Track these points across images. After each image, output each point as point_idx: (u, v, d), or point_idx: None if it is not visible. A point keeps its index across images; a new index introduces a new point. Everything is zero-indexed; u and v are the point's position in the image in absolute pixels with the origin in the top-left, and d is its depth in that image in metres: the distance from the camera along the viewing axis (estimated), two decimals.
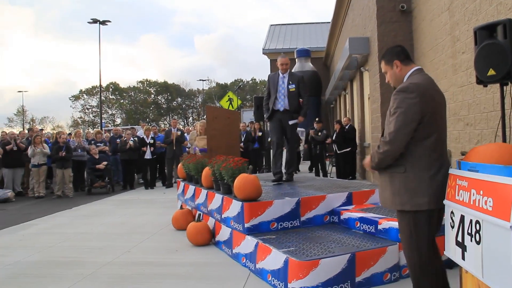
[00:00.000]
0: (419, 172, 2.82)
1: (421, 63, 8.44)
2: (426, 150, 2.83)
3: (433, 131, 2.83)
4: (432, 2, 7.55)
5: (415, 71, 2.98)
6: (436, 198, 2.82)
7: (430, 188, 2.81)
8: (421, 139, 2.82)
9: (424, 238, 2.89)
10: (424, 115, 2.78)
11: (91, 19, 29.10)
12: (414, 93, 2.77)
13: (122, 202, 10.52)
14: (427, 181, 2.82)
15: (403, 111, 2.77)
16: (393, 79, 3.08)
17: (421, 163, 2.83)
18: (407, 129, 2.78)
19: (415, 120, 2.77)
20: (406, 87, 2.83)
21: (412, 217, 2.88)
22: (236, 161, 5.51)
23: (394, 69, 3.03)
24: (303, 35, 29.88)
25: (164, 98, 70.32)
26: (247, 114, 25.96)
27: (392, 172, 2.93)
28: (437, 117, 2.86)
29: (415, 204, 2.83)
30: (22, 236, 7.04)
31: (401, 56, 3.02)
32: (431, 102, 2.82)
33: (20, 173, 12.78)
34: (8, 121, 61.62)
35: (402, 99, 2.79)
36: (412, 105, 2.76)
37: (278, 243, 4.40)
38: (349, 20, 14.94)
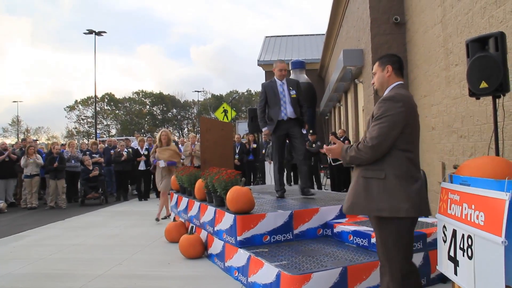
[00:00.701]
0: (400, 179, 2.82)
1: (414, 75, 8.47)
2: (408, 161, 2.84)
3: (411, 144, 2.88)
4: (425, 15, 7.59)
5: (399, 85, 3.03)
6: (415, 207, 2.79)
7: (410, 196, 2.79)
8: (403, 149, 2.84)
9: (406, 248, 2.86)
10: (406, 125, 2.82)
11: (86, 29, 29.12)
12: (400, 103, 2.83)
13: (115, 214, 10.43)
14: (406, 189, 2.80)
15: (388, 118, 2.81)
16: (379, 81, 3.13)
17: (403, 171, 2.83)
18: (390, 136, 2.80)
19: (398, 128, 2.80)
20: (392, 96, 2.89)
21: (392, 224, 2.84)
22: (229, 173, 5.48)
23: (384, 72, 3.08)
24: (298, 47, 30.00)
25: (160, 109, 70.32)
26: (242, 126, 25.97)
27: (369, 178, 2.90)
28: (416, 131, 2.93)
29: (394, 210, 2.79)
30: (14, 247, 6.96)
31: (396, 64, 3.07)
32: (413, 114, 2.89)
33: (12, 183, 12.70)
34: (3, 131, 61.41)
35: (388, 107, 2.84)
36: (397, 114, 2.80)
37: (270, 256, 4.36)
38: (343, 32, 15.02)
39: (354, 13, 11.86)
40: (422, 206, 2.80)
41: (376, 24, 9.14)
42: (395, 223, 2.80)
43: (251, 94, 70.74)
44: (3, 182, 12.33)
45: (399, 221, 2.79)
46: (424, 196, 2.85)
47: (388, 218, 2.82)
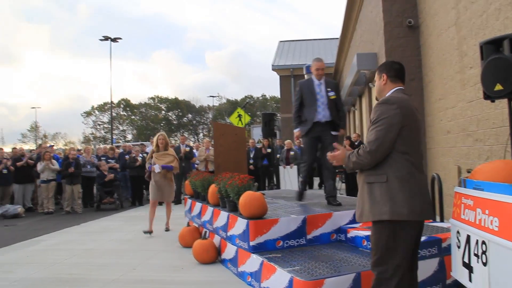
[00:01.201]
0: (402, 182, 2.79)
1: (429, 79, 8.39)
2: (409, 163, 2.82)
3: (411, 146, 2.86)
4: (439, 17, 7.52)
5: (398, 90, 3.04)
6: (416, 211, 2.77)
7: (411, 199, 2.77)
8: (403, 152, 2.83)
9: (404, 252, 2.80)
10: (403, 127, 2.81)
11: (102, 36, 29.57)
12: (395, 105, 2.84)
13: (130, 219, 10.49)
14: (408, 191, 2.78)
15: (384, 121, 2.81)
16: (377, 89, 3.18)
17: (403, 174, 2.81)
18: (388, 138, 2.79)
19: (394, 130, 2.80)
20: (387, 99, 2.91)
21: (391, 228, 2.80)
22: (241, 178, 5.47)
23: (381, 81, 3.11)
24: (312, 51, 29.96)
25: (175, 114, 70.68)
26: (257, 131, 25.96)
27: (372, 183, 2.89)
28: (415, 133, 2.91)
29: (395, 214, 2.76)
30: (30, 252, 7.04)
31: (391, 72, 3.08)
32: (410, 116, 2.88)
33: (30, 189, 12.87)
34: (22, 137, 62.28)
35: (383, 110, 2.85)
36: (393, 116, 2.81)
37: (283, 261, 4.34)
38: (357, 36, 14.96)
39: (367, 16, 11.81)
40: (424, 210, 2.77)
41: (389, 28, 9.08)
42: (396, 227, 2.77)
43: (266, 98, 70.75)
44: (21, 187, 12.52)
45: (399, 225, 2.76)
46: (427, 199, 2.82)
47: (388, 221, 2.78)
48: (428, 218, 2.85)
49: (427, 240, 4.27)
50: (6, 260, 6.53)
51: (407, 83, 8.73)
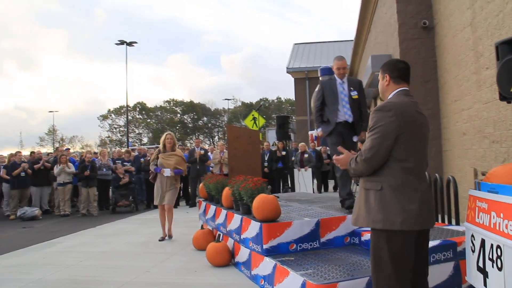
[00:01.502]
0: (396, 191, 2.74)
1: (444, 80, 8.29)
2: (405, 171, 2.76)
3: (410, 153, 2.78)
4: (454, 18, 7.44)
5: (400, 91, 2.96)
6: (410, 220, 2.70)
7: (405, 208, 2.71)
8: (399, 159, 2.76)
9: (400, 262, 2.73)
10: (400, 134, 2.75)
11: (118, 40, 29.83)
12: (391, 111, 2.77)
13: (145, 221, 10.56)
14: (402, 201, 2.72)
15: (380, 129, 2.76)
16: (380, 89, 3.12)
17: (398, 182, 2.75)
18: (383, 146, 2.75)
19: (391, 137, 2.74)
20: (383, 106, 2.84)
21: (387, 236, 2.74)
22: (255, 181, 5.46)
23: (384, 81, 3.04)
24: (327, 53, 29.88)
25: (190, 117, 70.99)
26: (272, 133, 25.97)
27: (368, 189, 2.86)
28: (416, 139, 2.82)
29: (388, 223, 2.71)
30: (46, 254, 7.14)
31: (394, 73, 2.99)
32: (409, 122, 2.79)
33: (47, 191, 13.05)
34: (40, 140, 63.10)
35: (379, 117, 2.79)
36: (389, 123, 2.75)
37: (296, 265, 4.32)
38: (371, 37, 14.87)
39: (382, 18, 11.73)
40: (420, 219, 2.71)
41: (404, 29, 9.01)
42: (389, 236, 2.72)
43: (281, 101, 70.71)
44: (38, 190, 12.70)
45: (393, 234, 2.71)
46: (425, 207, 2.74)
47: (383, 230, 2.74)
48: (426, 227, 2.77)
49: (442, 244, 4.21)
50: (23, 262, 6.62)
51: (422, 84, 8.71)
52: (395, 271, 2.71)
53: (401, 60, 3.12)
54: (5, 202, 12.87)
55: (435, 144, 8.64)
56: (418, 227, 2.72)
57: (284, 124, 13.55)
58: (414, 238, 2.76)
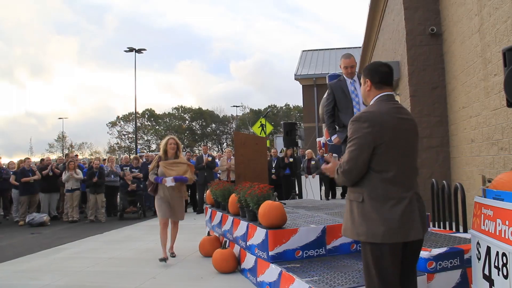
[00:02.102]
0: (376, 203, 2.69)
1: (452, 86, 8.26)
2: (384, 182, 2.69)
3: (390, 163, 2.71)
4: (462, 24, 7.42)
5: (381, 97, 2.88)
6: (392, 232, 2.63)
7: (386, 221, 2.64)
8: (378, 170, 2.71)
9: (385, 274, 2.70)
10: (378, 145, 2.69)
11: (127, 47, 30.08)
12: (367, 123, 2.70)
13: (152, 228, 10.57)
14: (383, 213, 2.66)
15: (356, 141, 2.72)
16: (362, 94, 3.07)
17: (378, 194, 2.69)
18: (360, 159, 2.70)
19: (366, 150, 2.69)
20: (359, 117, 2.77)
21: (371, 249, 2.71)
22: (261, 187, 5.46)
23: (365, 86, 2.97)
24: (335, 60, 29.88)
25: (199, 124, 71.23)
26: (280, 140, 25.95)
27: (352, 201, 2.83)
28: (396, 148, 2.73)
29: (370, 235, 2.67)
30: (54, 259, 7.17)
31: (375, 78, 2.90)
32: (387, 131, 2.71)
33: (55, 197, 13.12)
34: (49, 147, 63.58)
35: (355, 129, 2.74)
36: (364, 135, 2.69)
37: (302, 272, 4.30)
38: (379, 44, 14.86)
39: (389, 25, 11.72)
40: (403, 230, 2.64)
41: (411, 36, 8.99)
42: (372, 248, 2.69)
43: (289, 108, 70.74)
44: (47, 196, 12.76)
45: (376, 246, 2.67)
46: (409, 218, 2.66)
47: (366, 243, 2.71)
48: (410, 238, 2.68)
49: (448, 252, 4.17)
50: (31, 267, 6.66)
51: (430, 91, 8.69)
52: (382, 283, 2.69)
53: (383, 63, 3.02)
54: (14, 208, 12.97)
55: (443, 151, 8.59)
56: (401, 239, 2.65)
57: (292, 131, 13.53)
58: (399, 250, 2.70)
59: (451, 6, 8.09)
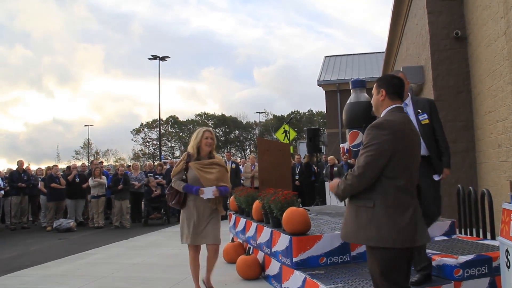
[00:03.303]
0: (388, 208, 2.74)
1: (478, 91, 8.13)
2: (396, 189, 2.76)
3: (402, 171, 2.78)
4: (488, 27, 7.31)
5: (394, 108, 2.96)
6: (402, 238, 2.71)
7: (397, 226, 2.71)
8: (392, 177, 2.76)
9: (393, 278, 2.76)
10: (394, 153, 2.74)
11: (151, 55, 30.44)
12: (387, 130, 2.77)
13: (176, 234, 10.51)
14: (395, 218, 2.72)
15: (375, 147, 2.75)
16: (374, 104, 3.10)
17: (391, 200, 2.75)
18: (376, 164, 2.74)
19: (385, 156, 2.74)
20: (380, 123, 2.83)
21: (382, 253, 2.75)
22: (285, 194, 5.46)
23: (379, 96, 3.03)
24: (358, 66, 29.70)
25: (222, 130, 71.56)
26: (303, 146, 25.88)
27: (360, 206, 2.85)
28: (408, 157, 2.82)
29: (381, 240, 2.72)
30: (80, 265, 7.28)
31: (390, 89, 2.99)
32: (403, 140, 2.80)
33: (82, 204, 13.34)
34: (75, 154, 64.69)
35: (374, 135, 2.78)
36: (384, 142, 2.74)
37: (326, 279, 4.28)
38: (403, 49, 14.73)
39: (413, 29, 11.62)
40: (412, 236, 2.72)
41: (435, 40, 8.90)
42: (382, 253, 2.74)
43: (312, 114, 70.51)
44: (73, 202, 12.99)
45: (385, 251, 2.72)
46: (416, 225, 2.75)
47: (376, 247, 2.76)
48: (418, 243, 2.79)
49: (476, 259, 4.10)
50: (58, 272, 6.79)
51: (455, 96, 8.57)
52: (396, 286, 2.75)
53: (395, 76, 3.13)
54: (42, 214, 13.25)
55: (469, 156, 8.44)
56: (411, 244, 2.74)
57: (315, 137, 13.47)
58: (407, 255, 2.79)
59: (476, 9, 7.98)
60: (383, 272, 2.75)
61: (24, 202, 13.02)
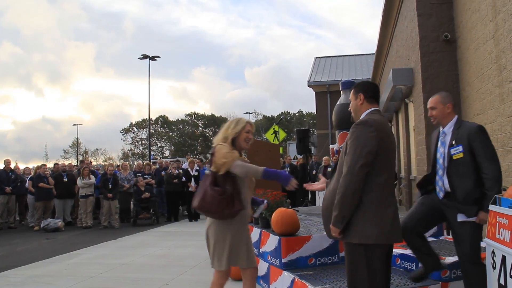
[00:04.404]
0: (371, 206, 2.79)
1: (466, 94, 8.19)
2: (378, 187, 2.81)
3: (384, 169, 2.85)
4: (477, 31, 7.37)
5: (374, 111, 3.05)
6: (385, 234, 2.77)
7: (380, 223, 2.76)
8: (374, 174, 2.81)
9: (375, 275, 2.79)
10: (378, 150, 2.80)
11: (141, 55, 30.36)
12: (373, 127, 2.84)
13: (165, 234, 10.62)
14: (377, 215, 2.77)
15: (362, 144, 2.80)
16: (353, 109, 3.17)
17: (373, 197, 2.79)
18: (364, 161, 2.76)
19: (372, 153, 2.78)
20: (365, 121, 2.91)
21: (363, 250, 2.78)
22: (274, 194, 5.46)
23: (357, 101, 3.11)
24: (348, 67, 29.85)
25: (212, 130, 71.46)
26: (293, 147, 25.93)
27: None
28: (389, 157, 2.91)
29: (364, 237, 2.76)
30: (68, 265, 7.24)
31: (368, 93, 3.09)
32: (386, 139, 2.89)
33: (70, 203, 13.25)
34: (64, 153, 64.19)
35: (360, 132, 2.84)
36: (370, 139, 2.80)
37: (314, 279, 4.29)
38: (393, 51, 14.81)
39: (403, 31, 11.69)
40: (394, 233, 2.79)
41: (425, 42, 8.95)
42: (365, 250, 2.77)
43: (302, 115, 70.66)
44: (62, 202, 12.90)
45: (368, 248, 2.76)
46: (397, 222, 2.84)
47: (358, 244, 2.78)
48: (397, 241, 2.87)
49: None
50: (46, 272, 6.73)
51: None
52: (371, 285, 2.78)
53: (371, 81, 3.26)
54: (30, 213, 13.13)
55: None
56: (392, 240, 2.81)
57: (305, 138, 13.48)
58: (386, 252, 2.84)
59: (465, 13, 8.04)
60: (365, 269, 2.76)
61: (11, 201, 12.87)
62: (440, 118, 3.66)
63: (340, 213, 2.78)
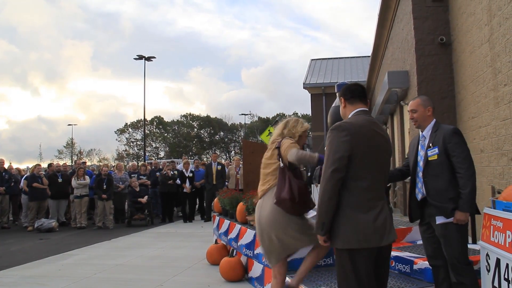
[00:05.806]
0: (351, 210, 2.74)
1: (462, 97, 8.23)
2: (360, 191, 2.76)
3: (366, 173, 2.78)
4: (472, 34, 7.40)
5: (358, 111, 2.98)
6: (367, 238, 2.71)
7: (361, 227, 2.71)
8: (355, 178, 2.76)
9: (362, 279, 2.74)
10: (354, 154, 2.74)
11: (137, 55, 30.26)
12: (345, 132, 2.78)
13: (160, 235, 10.59)
14: (358, 220, 2.73)
15: (333, 149, 2.76)
16: (342, 115, 3.15)
17: (354, 201, 2.75)
18: (335, 166, 2.72)
19: (344, 158, 2.73)
20: (338, 125, 2.85)
21: (348, 255, 2.75)
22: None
23: (342, 105, 3.11)
24: (343, 69, 29.87)
25: (207, 132, 71.39)
26: None
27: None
28: (371, 159, 2.81)
29: (346, 242, 2.72)
30: (62, 265, 7.20)
31: (347, 95, 3.06)
32: (365, 142, 2.80)
33: (64, 204, 13.21)
34: (58, 153, 63.88)
35: (333, 137, 2.81)
36: (342, 143, 2.75)
37: (309, 281, 4.29)
38: (388, 53, 14.85)
39: (399, 34, 11.72)
40: (378, 236, 2.73)
41: (421, 45, 8.98)
42: (349, 254, 2.73)
43: (298, 116, 70.68)
44: (56, 202, 12.85)
45: (352, 252, 2.72)
46: (382, 225, 2.75)
47: (343, 249, 2.75)
48: (384, 243, 2.78)
49: None
50: (39, 273, 6.69)
51: (439, 101, 8.65)
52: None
53: (356, 83, 3.18)
54: (23, 214, 13.06)
55: None
56: (376, 244, 2.73)
57: None
58: (373, 255, 2.78)
59: (461, 16, 8.08)
60: (352, 274, 2.72)
61: (5, 201, 12.80)
62: (420, 120, 3.77)
63: (320, 220, 2.77)
